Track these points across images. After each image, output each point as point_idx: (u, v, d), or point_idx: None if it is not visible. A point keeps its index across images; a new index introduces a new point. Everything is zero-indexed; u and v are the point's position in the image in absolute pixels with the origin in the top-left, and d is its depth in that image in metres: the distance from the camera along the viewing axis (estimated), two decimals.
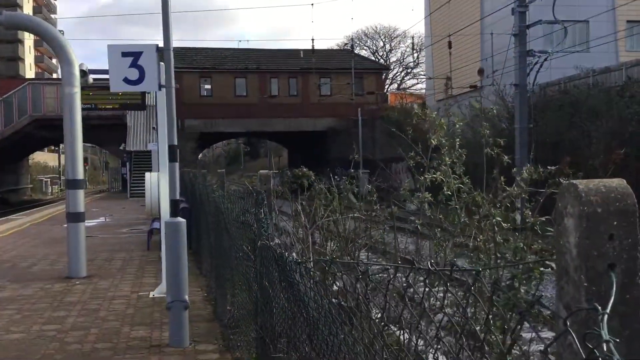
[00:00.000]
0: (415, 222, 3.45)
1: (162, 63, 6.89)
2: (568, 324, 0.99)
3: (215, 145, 73.65)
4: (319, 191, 4.40)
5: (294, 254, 3.38)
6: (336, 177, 6.84)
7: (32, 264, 11.85)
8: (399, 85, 60.08)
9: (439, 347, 1.98)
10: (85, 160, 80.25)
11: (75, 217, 10.41)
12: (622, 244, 1.07)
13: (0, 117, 38.13)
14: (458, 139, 3.29)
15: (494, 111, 18.69)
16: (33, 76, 77.43)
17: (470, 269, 1.44)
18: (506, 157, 3.32)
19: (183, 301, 6.45)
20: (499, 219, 2.88)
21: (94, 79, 14.42)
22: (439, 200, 3.40)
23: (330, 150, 41.42)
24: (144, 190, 24.31)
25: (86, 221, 20.04)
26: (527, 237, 2.94)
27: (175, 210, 6.63)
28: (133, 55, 6.49)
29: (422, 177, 3.26)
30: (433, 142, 3.12)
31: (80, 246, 10.32)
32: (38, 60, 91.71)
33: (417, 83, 60.78)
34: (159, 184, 8.43)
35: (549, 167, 2.96)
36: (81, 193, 10.54)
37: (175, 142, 6.51)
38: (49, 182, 61.81)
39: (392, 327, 2.67)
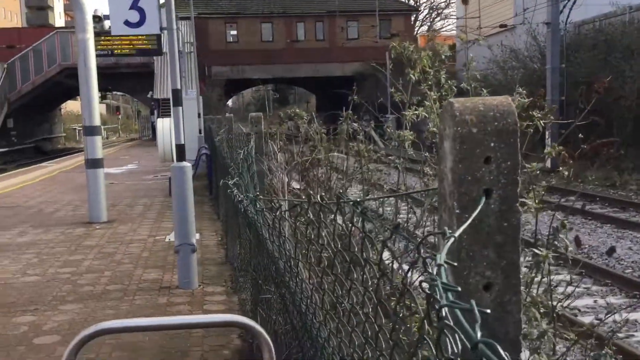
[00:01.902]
0: (395, 160, 3.36)
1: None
2: (422, 251, 0.92)
3: (245, 92, 73.51)
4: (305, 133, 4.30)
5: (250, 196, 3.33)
6: (363, 122, 6.71)
7: (56, 209, 12.12)
8: (429, 27, 58.50)
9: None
10: (117, 109, 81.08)
11: (94, 163, 10.54)
12: (500, 168, 0.97)
13: (31, 66, 38.58)
14: (444, 72, 3.13)
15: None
16: (63, 25, 77.59)
17: (352, 200, 1.36)
18: None
19: (190, 244, 6.51)
20: None
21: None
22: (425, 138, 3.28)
23: (358, 95, 40.87)
24: None
25: (114, 168, 20.40)
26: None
27: (181, 154, 6.62)
28: None
29: (405, 114, 3.14)
30: (413, 77, 2.98)
31: (99, 192, 10.47)
32: (67, 9, 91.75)
33: (448, 25, 59.10)
34: (171, 129, 8.42)
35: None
36: (99, 139, 10.63)
37: (179, 86, 6.45)
38: (82, 130, 62.64)
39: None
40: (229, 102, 61.92)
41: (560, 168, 3.06)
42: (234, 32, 42.29)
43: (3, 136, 38.39)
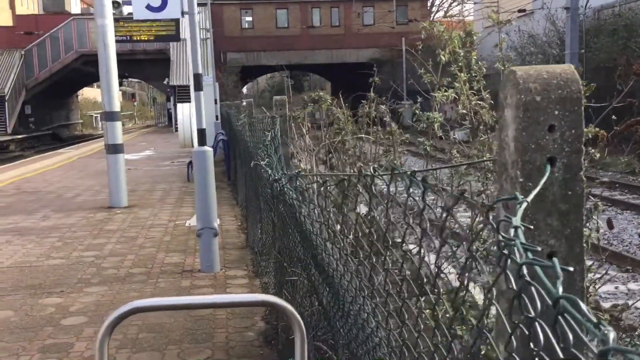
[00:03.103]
0: (424, 143, 3.34)
1: None
2: (490, 217, 0.92)
3: (260, 79, 73.47)
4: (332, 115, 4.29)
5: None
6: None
7: (76, 194, 12.24)
8: (445, 12, 58.00)
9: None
10: (133, 96, 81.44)
11: (114, 149, 10.61)
12: (564, 136, 0.97)
13: (48, 53, 38.82)
14: (475, 53, 3.11)
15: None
16: (79, 12, 77.79)
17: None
18: None
19: (212, 228, 6.56)
20: None
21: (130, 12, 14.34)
22: (453, 120, 3.27)
23: (375, 80, 40.74)
24: None
25: (132, 154, 20.52)
26: None
27: (202, 139, 6.64)
28: None
29: (435, 96, 3.13)
30: (443, 58, 2.96)
31: (120, 177, 10.56)
32: None
33: (465, 9, 58.55)
34: (190, 115, 8.45)
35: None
36: (119, 125, 10.69)
37: (200, 71, 6.46)
38: (98, 117, 63.04)
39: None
40: (244, 89, 61.96)
41: (591, 150, 3.03)
42: (249, 19, 42.20)
43: (21, 123, 38.72)
